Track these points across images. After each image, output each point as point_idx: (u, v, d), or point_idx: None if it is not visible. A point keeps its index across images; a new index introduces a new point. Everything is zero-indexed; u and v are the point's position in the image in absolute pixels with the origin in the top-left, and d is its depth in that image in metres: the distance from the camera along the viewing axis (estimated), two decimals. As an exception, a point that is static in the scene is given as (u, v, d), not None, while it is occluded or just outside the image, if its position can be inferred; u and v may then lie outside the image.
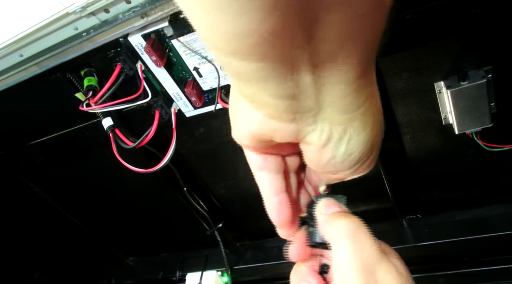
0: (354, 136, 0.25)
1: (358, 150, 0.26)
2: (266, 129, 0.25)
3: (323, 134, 0.24)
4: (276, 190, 0.31)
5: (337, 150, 0.25)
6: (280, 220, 0.32)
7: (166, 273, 1.22)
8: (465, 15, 0.60)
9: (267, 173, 0.30)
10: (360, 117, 0.24)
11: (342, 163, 0.26)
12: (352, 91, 0.23)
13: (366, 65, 0.22)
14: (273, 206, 0.31)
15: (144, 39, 0.62)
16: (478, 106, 0.70)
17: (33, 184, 1.10)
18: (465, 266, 0.95)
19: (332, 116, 0.24)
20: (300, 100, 0.22)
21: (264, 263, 1.09)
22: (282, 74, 0.20)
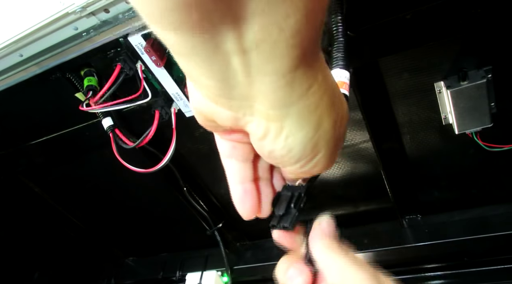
0: (291, 134, 0.23)
1: (297, 148, 0.24)
2: (206, 109, 0.24)
3: (260, 127, 0.23)
4: (242, 179, 0.30)
5: (275, 144, 0.24)
6: (244, 209, 0.31)
7: (166, 273, 1.22)
8: (465, 15, 0.60)
9: (234, 160, 0.30)
10: (297, 115, 0.22)
11: (283, 158, 0.25)
12: (285, 85, 0.21)
13: (303, 55, 0.20)
14: (237, 195, 0.31)
15: (144, 39, 0.62)
16: (478, 106, 0.70)
17: (33, 184, 1.10)
18: (465, 266, 0.95)
19: (266, 110, 0.22)
20: (232, 87, 0.21)
21: (264, 263, 1.09)
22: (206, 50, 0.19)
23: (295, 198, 0.32)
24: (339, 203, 1.01)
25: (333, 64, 0.45)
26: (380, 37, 0.64)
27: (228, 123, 0.24)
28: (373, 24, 0.62)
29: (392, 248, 0.95)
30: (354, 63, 0.67)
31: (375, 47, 0.67)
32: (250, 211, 0.31)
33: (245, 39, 0.19)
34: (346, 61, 0.45)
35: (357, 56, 0.67)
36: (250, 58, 0.20)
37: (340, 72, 0.43)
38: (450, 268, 0.97)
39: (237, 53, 0.19)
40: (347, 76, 0.43)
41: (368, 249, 0.97)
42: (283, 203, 0.32)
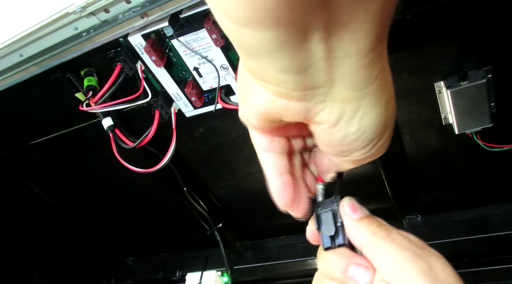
0: (366, 114, 0.24)
1: (371, 128, 0.25)
2: (274, 108, 0.24)
3: (334, 112, 0.24)
4: (280, 171, 0.31)
5: (349, 128, 0.24)
6: (283, 201, 0.31)
7: (166, 273, 1.22)
8: (465, 15, 0.60)
9: (271, 153, 0.30)
10: (373, 94, 0.23)
11: (356, 142, 0.25)
12: (365, 65, 0.22)
13: (380, 35, 0.21)
14: (275, 187, 0.31)
15: (144, 39, 0.62)
16: (478, 106, 0.70)
17: (33, 184, 1.10)
18: (465, 266, 0.95)
19: (344, 92, 0.23)
20: (310, 75, 0.22)
21: (264, 263, 1.09)
22: (294, 44, 0.20)
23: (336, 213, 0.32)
24: (339, 203, 1.01)
25: None
26: (380, 37, 0.64)
27: (298, 118, 0.25)
28: (373, 24, 0.62)
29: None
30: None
31: (375, 47, 0.67)
32: (289, 202, 0.32)
33: (333, 23, 0.20)
34: None
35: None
36: (334, 41, 0.20)
37: None
38: (450, 268, 0.97)
39: (323, 40, 0.20)
40: None
41: (368, 249, 0.97)
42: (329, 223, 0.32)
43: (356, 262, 0.29)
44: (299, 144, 0.32)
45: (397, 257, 0.28)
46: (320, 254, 0.32)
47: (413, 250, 0.28)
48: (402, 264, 0.27)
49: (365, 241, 0.29)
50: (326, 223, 0.32)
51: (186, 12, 0.59)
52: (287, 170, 0.31)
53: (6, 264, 1.31)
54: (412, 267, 0.27)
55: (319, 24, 0.19)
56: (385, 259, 0.28)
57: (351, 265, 0.29)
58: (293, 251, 1.06)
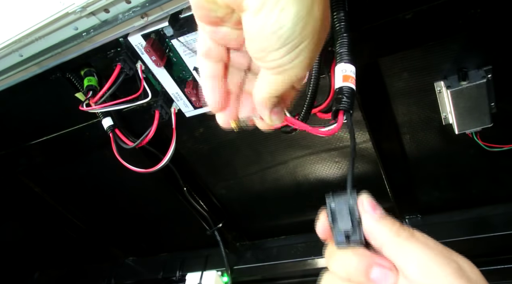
0: (287, 7, 0.25)
1: (288, 25, 0.25)
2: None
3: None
4: (212, 75, 0.33)
5: (268, 18, 0.25)
6: (212, 101, 0.33)
7: (166, 273, 1.22)
8: (465, 15, 0.60)
9: (208, 60, 0.33)
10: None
11: (272, 37, 0.26)
12: None
13: None
14: (206, 88, 0.33)
15: (144, 39, 0.62)
16: (478, 106, 0.70)
17: (33, 184, 1.10)
18: (465, 266, 0.95)
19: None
20: None
21: (264, 263, 1.09)
22: None
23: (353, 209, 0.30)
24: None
25: (337, 60, 0.44)
26: (380, 37, 0.64)
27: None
28: (373, 24, 0.62)
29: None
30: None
31: (375, 47, 0.67)
32: (217, 104, 0.34)
33: None
34: (352, 56, 0.44)
35: (357, 56, 0.66)
36: None
37: (345, 66, 0.43)
38: (450, 268, 0.97)
39: None
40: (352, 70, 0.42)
41: (368, 249, 0.97)
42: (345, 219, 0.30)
43: (379, 263, 0.27)
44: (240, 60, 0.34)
45: (426, 258, 0.27)
46: (333, 252, 0.30)
47: (441, 250, 0.27)
48: (433, 264, 0.26)
49: (388, 241, 0.28)
50: (341, 218, 0.30)
51: (186, 12, 0.59)
52: (220, 75, 0.33)
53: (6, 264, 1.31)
54: (444, 267, 0.26)
55: None
56: (414, 260, 0.27)
57: (374, 267, 0.27)
58: (293, 251, 1.06)
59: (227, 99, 0.34)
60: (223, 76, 0.33)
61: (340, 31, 0.47)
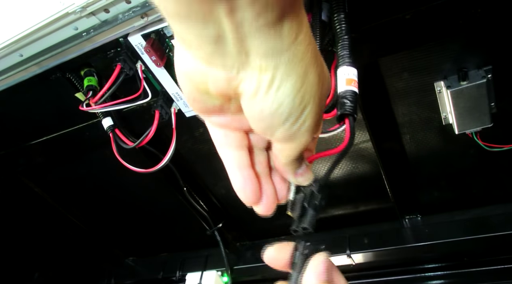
0: (282, 84, 0.24)
1: (287, 100, 0.25)
2: (197, 72, 0.25)
3: (252, 81, 0.24)
4: (239, 166, 0.31)
5: (266, 100, 0.25)
6: (246, 196, 0.31)
7: (166, 273, 1.22)
8: (465, 15, 0.60)
9: (229, 149, 0.31)
10: (287, 63, 0.24)
11: (274, 116, 0.25)
12: (274, 34, 0.22)
13: (288, 5, 0.22)
14: (237, 183, 0.31)
15: (144, 39, 0.62)
16: (478, 106, 0.70)
17: (33, 184, 1.10)
18: (465, 266, 0.95)
19: (259, 62, 0.23)
20: (225, 44, 0.22)
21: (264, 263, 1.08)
22: (200, 15, 0.21)
23: (307, 197, 0.32)
24: (339, 203, 1.01)
25: (339, 62, 0.44)
26: (380, 37, 0.64)
27: (222, 87, 0.25)
28: (373, 24, 0.62)
29: (392, 248, 0.95)
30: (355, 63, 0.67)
31: (375, 47, 0.67)
32: (252, 197, 0.32)
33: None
34: (353, 59, 0.45)
35: (357, 56, 0.66)
36: (239, 16, 0.21)
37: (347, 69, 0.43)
38: (450, 268, 0.97)
39: (228, 14, 0.21)
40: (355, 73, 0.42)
41: (368, 249, 0.97)
42: (297, 205, 0.32)
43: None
44: (258, 138, 0.32)
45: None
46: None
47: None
48: None
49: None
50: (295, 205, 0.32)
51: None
52: (247, 165, 0.31)
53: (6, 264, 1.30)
54: None
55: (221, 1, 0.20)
56: None
57: None
58: (293, 251, 1.06)
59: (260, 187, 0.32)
60: (250, 163, 0.31)
61: (341, 32, 0.47)
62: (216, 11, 0.21)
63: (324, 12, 0.55)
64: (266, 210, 0.33)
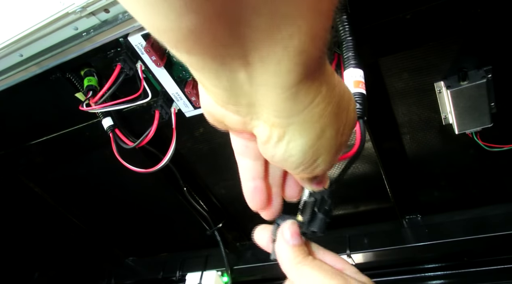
0: (293, 141, 0.24)
1: (298, 155, 0.25)
2: (216, 113, 0.26)
3: (264, 131, 0.24)
4: (253, 176, 0.32)
5: (276, 149, 0.25)
6: (254, 204, 0.33)
7: (166, 273, 1.22)
8: (465, 15, 0.60)
9: (246, 159, 0.32)
10: (300, 123, 0.23)
11: (285, 162, 0.26)
12: (288, 97, 0.22)
13: (308, 71, 0.21)
14: (247, 191, 0.33)
15: (144, 39, 0.62)
16: (478, 106, 0.70)
17: (33, 184, 1.10)
18: (465, 266, 0.95)
19: (269, 117, 0.23)
20: (239, 96, 0.22)
21: (264, 263, 1.09)
22: (214, 68, 0.21)
23: (318, 202, 0.33)
24: (339, 203, 1.01)
25: (345, 64, 0.45)
26: (380, 37, 0.64)
27: (237, 126, 0.26)
28: (373, 24, 0.62)
29: (392, 248, 0.95)
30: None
31: (375, 47, 0.67)
32: (259, 206, 0.33)
33: (250, 56, 0.20)
34: (358, 60, 0.45)
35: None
36: (255, 73, 0.21)
37: (354, 71, 0.43)
38: (450, 268, 0.97)
39: (243, 68, 0.20)
40: (361, 75, 0.43)
41: (368, 249, 0.97)
42: (308, 209, 0.34)
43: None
44: None
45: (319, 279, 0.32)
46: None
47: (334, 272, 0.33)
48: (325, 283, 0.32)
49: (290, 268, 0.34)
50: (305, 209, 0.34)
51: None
52: (260, 176, 0.32)
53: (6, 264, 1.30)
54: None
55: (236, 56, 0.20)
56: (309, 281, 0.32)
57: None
58: (293, 251, 1.06)
59: (270, 198, 0.34)
60: (264, 176, 0.32)
61: (344, 34, 0.47)
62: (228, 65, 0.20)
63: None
64: (270, 217, 0.35)
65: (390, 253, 0.97)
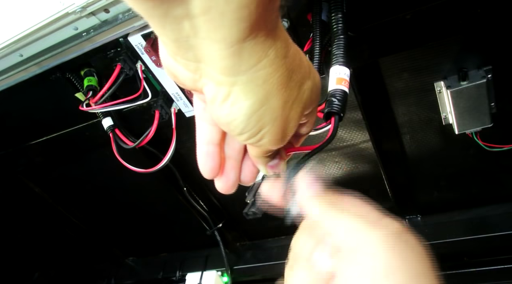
0: (236, 103, 0.24)
1: (240, 118, 0.24)
2: (169, 65, 0.25)
3: (211, 90, 0.24)
4: (207, 140, 0.31)
5: (221, 110, 0.24)
6: (204, 169, 0.32)
7: (166, 273, 1.22)
8: (465, 15, 0.60)
9: (203, 122, 0.31)
10: (243, 85, 0.23)
11: (229, 126, 0.25)
12: (232, 54, 0.21)
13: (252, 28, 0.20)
14: (200, 155, 0.32)
15: (144, 39, 0.62)
16: (478, 106, 0.70)
17: (33, 184, 1.10)
18: (465, 266, 0.95)
19: (215, 75, 0.23)
20: (185, 48, 0.22)
21: (264, 263, 1.09)
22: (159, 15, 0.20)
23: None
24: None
25: (332, 61, 0.45)
26: (380, 37, 0.64)
27: (188, 83, 0.25)
28: (373, 24, 0.62)
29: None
30: (354, 63, 0.67)
31: (375, 47, 0.67)
32: (210, 172, 0.32)
33: (192, 5, 0.20)
34: (346, 59, 0.45)
35: (357, 56, 0.67)
36: (198, 24, 0.20)
37: (339, 68, 0.43)
38: (450, 268, 0.97)
39: (186, 18, 0.20)
40: (347, 73, 0.43)
41: (368, 249, 0.97)
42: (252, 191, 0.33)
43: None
44: None
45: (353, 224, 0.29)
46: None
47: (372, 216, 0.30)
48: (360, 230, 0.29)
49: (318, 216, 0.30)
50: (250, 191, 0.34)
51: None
52: (214, 142, 0.31)
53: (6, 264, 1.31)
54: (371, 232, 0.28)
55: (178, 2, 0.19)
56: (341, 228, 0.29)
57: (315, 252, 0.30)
58: (293, 251, 1.06)
59: (222, 166, 0.32)
60: (219, 143, 0.32)
61: (337, 32, 0.47)
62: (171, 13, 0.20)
63: (324, 12, 0.55)
64: (224, 189, 0.33)
65: (390, 253, 0.96)
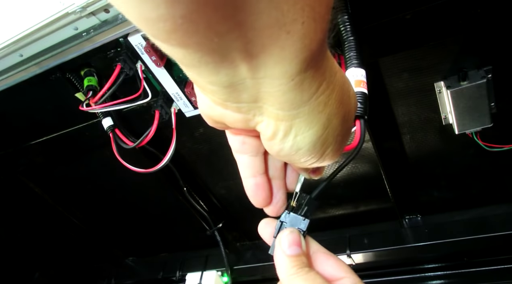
0: (300, 133, 0.23)
1: (306, 146, 0.24)
2: (214, 114, 0.24)
3: (269, 127, 0.23)
4: (253, 172, 0.31)
5: (284, 144, 0.24)
6: (256, 201, 0.33)
7: (166, 273, 1.22)
8: (465, 15, 0.60)
9: (244, 155, 0.31)
10: (306, 115, 0.23)
11: (292, 156, 0.25)
12: (294, 87, 0.21)
13: (312, 57, 0.20)
14: (249, 187, 0.32)
15: (144, 39, 0.62)
16: (478, 106, 0.70)
17: (33, 184, 1.10)
18: (465, 266, 0.95)
19: (274, 111, 0.22)
20: (239, 91, 0.21)
21: (264, 263, 1.09)
22: (212, 63, 0.19)
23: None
24: (339, 203, 1.01)
25: (347, 64, 0.45)
26: (380, 37, 0.64)
27: (238, 125, 0.24)
28: (373, 24, 0.62)
29: (392, 248, 0.95)
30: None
31: (375, 47, 0.67)
32: (262, 203, 0.33)
33: (252, 44, 0.19)
34: (360, 59, 0.45)
35: (357, 56, 0.67)
36: (258, 63, 0.20)
37: (355, 71, 0.43)
38: (450, 268, 0.97)
39: (244, 59, 0.19)
40: (363, 74, 0.43)
41: (368, 249, 0.97)
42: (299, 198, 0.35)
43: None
44: None
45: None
46: None
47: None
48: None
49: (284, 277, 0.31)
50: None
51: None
52: (260, 171, 0.32)
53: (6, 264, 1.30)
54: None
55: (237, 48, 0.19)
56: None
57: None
58: (293, 251, 1.06)
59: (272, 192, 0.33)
60: (264, 171, 0.32)
61: (346, 34, 0.47)
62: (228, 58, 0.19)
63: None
64: (275, 212, 0.34)
65: (390, 253, 0.96)
